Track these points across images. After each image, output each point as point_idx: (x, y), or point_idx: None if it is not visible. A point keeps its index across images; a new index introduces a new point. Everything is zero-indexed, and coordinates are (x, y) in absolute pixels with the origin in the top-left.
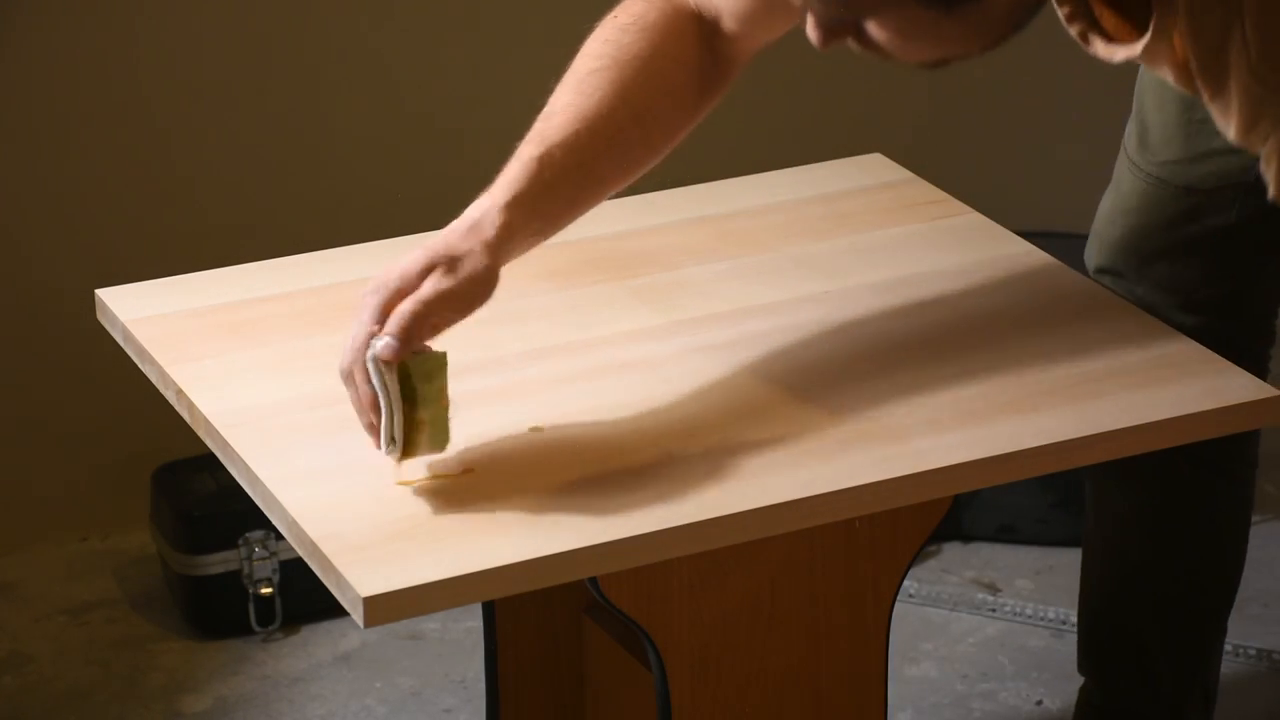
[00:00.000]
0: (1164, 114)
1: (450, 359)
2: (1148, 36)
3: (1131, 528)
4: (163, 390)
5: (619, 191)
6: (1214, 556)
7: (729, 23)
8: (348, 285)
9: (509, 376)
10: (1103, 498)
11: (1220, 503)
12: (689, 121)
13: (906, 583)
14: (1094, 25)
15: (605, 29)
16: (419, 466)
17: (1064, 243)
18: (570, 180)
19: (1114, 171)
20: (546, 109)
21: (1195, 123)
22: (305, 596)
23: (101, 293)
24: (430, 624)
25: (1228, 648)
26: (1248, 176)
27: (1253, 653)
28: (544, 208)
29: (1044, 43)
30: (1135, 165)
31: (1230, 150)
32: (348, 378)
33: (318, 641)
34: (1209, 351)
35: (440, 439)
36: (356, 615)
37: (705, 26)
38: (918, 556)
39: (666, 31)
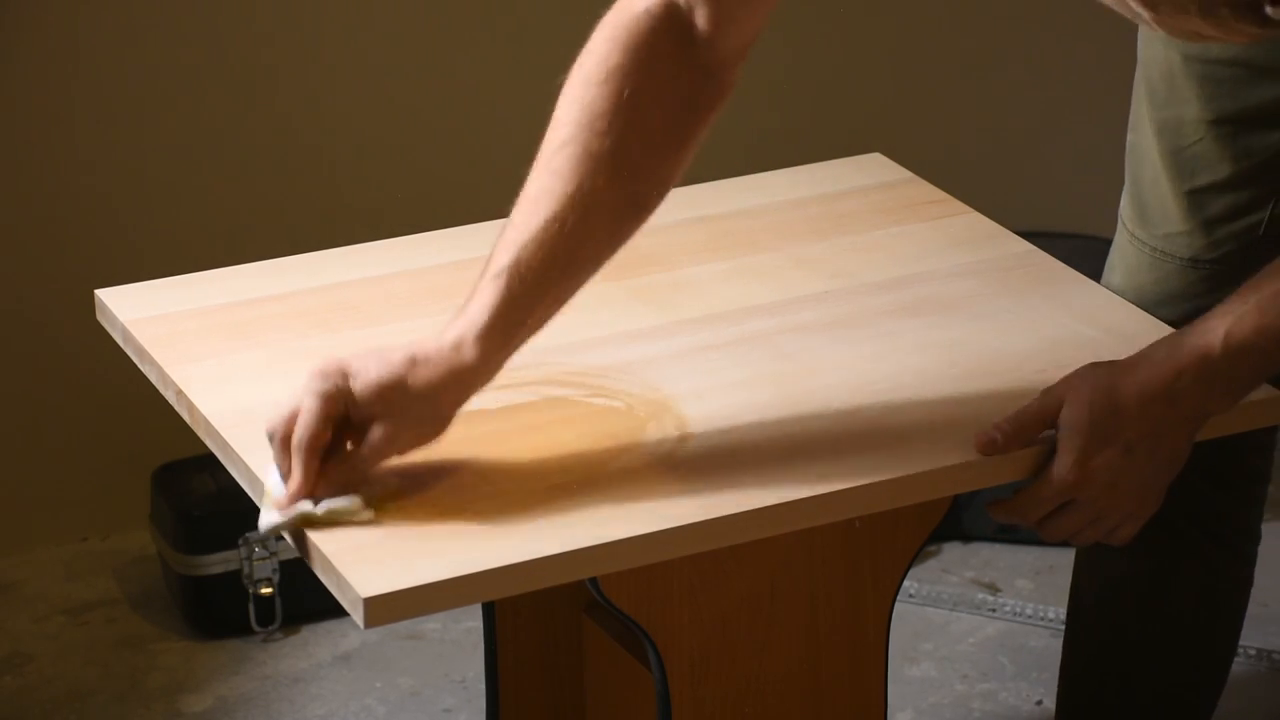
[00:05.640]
0: (1159, 187)
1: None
2: None
3: (1127, 595)
4: (163, 390)
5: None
6: (1210, 642)
7: (704, 18)
8: (348, 285)
9: (508, 377)
10: (1095, 563)
11: (1221, 576)
12: (682, 159)
13: (906, 583)
14: None
15: (571, 87)
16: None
17: (1064, 243)
18: (550, 279)
19: (1113, 247)
20: (520, 199)
21: (1193, 193)
22: (305, 596)
23: (101, 293)
24: (430, 624)
25: None
26: (1252, 238)
27: (1253, 653)
28: (527, 317)
29: (1044, 43)
30: (1137, 239)
31: (1230, 216)
32: (277, 439)
33: (318, 641)
34: None
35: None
36: (356, 615)
37: (681, 37)
38: (918, 556)
39: (635, 70)
